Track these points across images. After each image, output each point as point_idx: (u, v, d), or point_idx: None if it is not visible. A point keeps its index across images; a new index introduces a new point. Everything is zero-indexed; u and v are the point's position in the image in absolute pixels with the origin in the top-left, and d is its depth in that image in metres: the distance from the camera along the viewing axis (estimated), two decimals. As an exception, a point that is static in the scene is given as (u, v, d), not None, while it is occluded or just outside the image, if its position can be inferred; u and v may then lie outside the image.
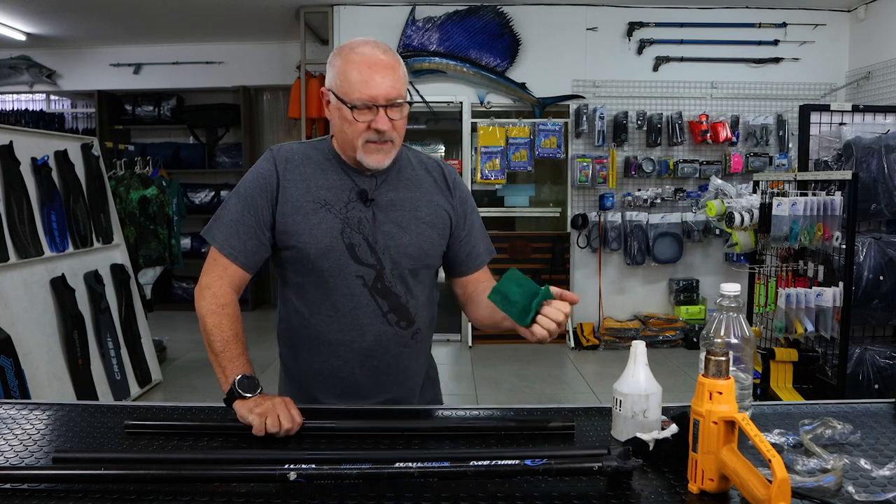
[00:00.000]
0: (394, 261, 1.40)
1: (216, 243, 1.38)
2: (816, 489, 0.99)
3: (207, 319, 1.34)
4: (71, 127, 7.15)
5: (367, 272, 1.39)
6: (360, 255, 1.38)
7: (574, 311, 5.66)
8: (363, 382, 1.44)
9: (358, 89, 1.30)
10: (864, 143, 3.23)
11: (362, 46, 1.34)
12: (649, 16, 5.36)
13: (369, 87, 1.30)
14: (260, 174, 1.40)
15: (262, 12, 5.54)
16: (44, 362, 3.32)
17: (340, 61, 1.33)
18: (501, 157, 5.31)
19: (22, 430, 1.27)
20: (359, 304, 1.39)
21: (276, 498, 0.99)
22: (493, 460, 1.03)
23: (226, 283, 1.37)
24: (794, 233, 3.07)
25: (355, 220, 1.38)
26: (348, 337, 1.41)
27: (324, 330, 1.42)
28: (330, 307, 1.40)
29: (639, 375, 1.19)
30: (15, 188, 3.34)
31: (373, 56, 1.32)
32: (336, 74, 1.34)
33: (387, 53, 1.35)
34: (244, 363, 1.31)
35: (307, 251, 1.37)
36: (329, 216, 1.37)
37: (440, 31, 5.32)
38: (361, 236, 1.38)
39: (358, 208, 1.38)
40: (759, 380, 3.22)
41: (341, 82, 1.32)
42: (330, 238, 1.37)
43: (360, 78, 1.30)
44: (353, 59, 1.32)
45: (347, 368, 1.43)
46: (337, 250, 1.37)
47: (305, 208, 1.37)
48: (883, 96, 5.01)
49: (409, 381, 1.50)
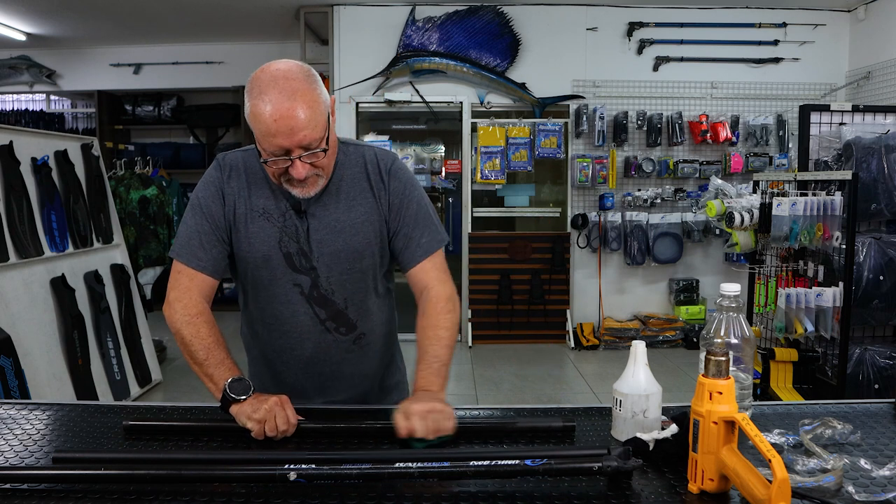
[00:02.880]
0: (329, 266, 1.38)
1: (182, 258, 1.37)
2: (816, 489, 0.99)
3: (184, 331, 1.32)
4: (71, 127, 7.15)
5: (303, 280, 1.38)
6: (296, 264, 1.37)
7: (574, 311, 5.69)
8: (308, 387, 1.45)
9: (268, 141, 1.21)
10: (864, 143, 3.23)
11: (270, 88, 1.19)
12: (649, 16, 5.36)
13: (280, 140, 1.20)
14: (210, 182, 1.40)
15: (262, 12, 5.54)
16: (44, 362, 3.32)
17: (250, 103, 1.21)
18: (501, 157, 5.31)
19: (22, 430, 1.27)
20: (296, 311, 1.40)
21: (276, 498, 0.99)
22: (493, 460, 1.03)
23: (195, 293, 1.35)
24: (794, 233, 3.07)
25: (292, 229, 1.36)
26: (289, 344, 1.43)
27: (267, 337, 1.44)
28: (271, 315, 1.41)
29: (639, 375, 1.19)
30: (15, 188, 3.34)
31: (279, 105, 1.18)
32: (247, 115, 1.22)
33: (296, 94, 1.19)
34: (230, 366, 1.30)
35: (247, 259, 1.38)
36: (268, 225, 1.36)
37: (440, 31, 5.32)
38: (297, 245, 1.37)
39: (293, 218, 1.37)
40: (759, 380, 3.22)
41: (252, 126, 1.22)
42: (268, 247, 1.36)
43: (268, 130, 1.19)
44: (259, 108, 1.19)
45: (292, 374, 1.45)
46: (275, 259, 1.37)
47: (246, 217, 1.37)
48: (883, 96, 5.01)
49: (355, 387, 1.49)
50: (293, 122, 1.19)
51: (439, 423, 1.18)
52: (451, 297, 1.42)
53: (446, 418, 1.19)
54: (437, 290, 1.41)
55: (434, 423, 1.17)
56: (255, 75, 1.24)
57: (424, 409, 1.18)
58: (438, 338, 1.36)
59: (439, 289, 1.41)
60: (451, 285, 1.44)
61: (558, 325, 5.43)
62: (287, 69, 1.22)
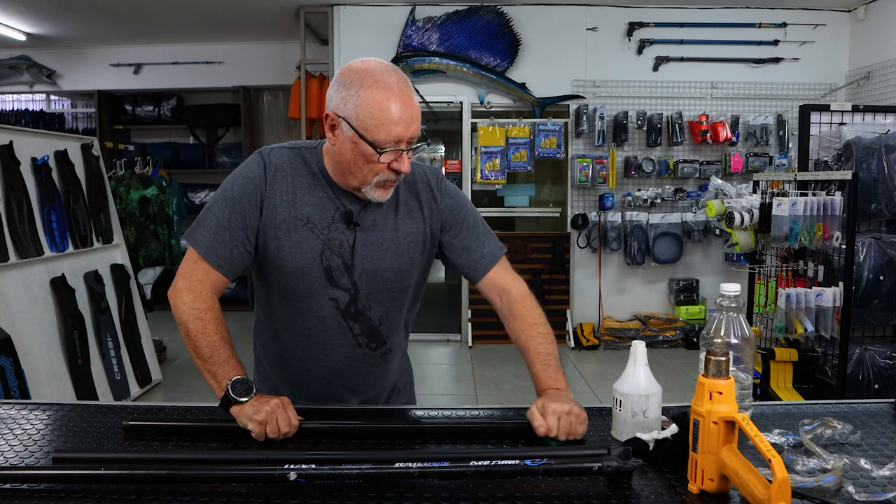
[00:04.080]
0: (370, 284, 1.34)
1: (200, 249, 1.30)
2: (816, 489, 0.99)
3: (190, 325, 1.28)
4: (71, 127, 7.15)
5: (341, 295, 1.34)
6: (335, 279, 1.32)
7: (574, 311, 5.67)
8: (329, 396, 1.43)
9: (386, 130, 1.19)
10: (864, 143, 3.23)
11: (386, 78, 1.20)
12: (649, 16, 5.36)
13: (399, 130, 1.19)
14: (249, 178, 1.31)
15: (262, 12, 5.54)
16: (44, 362, 3.32)
17: (363, 93, 1.19)
18: (501, 157, 5.30)
19: (22, 430, 1.27)
20: (329, 326, 1.36)
21: (276, 498, 0.99)
22: (493, 460, 1.03)
23: (206, 287, 1.30)
24: (794, 233, 3.07)
25: (336, 243, 1.31)
26: (317, 355, 1.39)
27: (293, 346, 1.40)
28: (302, 326, 1.37)
29: (639, 375, 1.19)
30: (15, 188, 3.34)
31: (399, 92, 1.19)
32: (356, 106, 1.19)
33: (408, 85, 1.22)
34: (234, 366, 1.27)
35: (283, 269, 1.32)
36: (310, 236, 1.30)
37: (440, 31, 5.32)
38: (340, 259, 1.31)
39: (340, 230, 1.31)
40: (759, 380, 3.22)
41: (364, 117, 1.19)
42: (308, 259, 1.31)
43: (389, 118, 1.18)
44: (379, 96, 1.18)
45: (315, 383, 1.43)
46: (314, 272, 1.31)
47: (287, 224, 1.30)
48: (883, 96, 5.01)
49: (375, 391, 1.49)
50: (413, 111, 1.21)
51: (574, 426, 1.18)
52: (530, 292, 1.43)
53: (581, 422, 1.19)
54: (518, 289, 1.41)
55: (568, 424, 1.18)
56: (359, 67, 1.22)
57: (563, 409, 1.19)
58: (542, 335, 1.36)
59: (518, 287, 1.42)
60: (524, 283, 1.44)
61: (558, 325, 5.43)
62: (389, 64, 1.24)
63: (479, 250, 1.42)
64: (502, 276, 1.43)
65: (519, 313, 1.38)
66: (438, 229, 1.40)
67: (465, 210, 1.43)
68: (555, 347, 1.36)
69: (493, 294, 1.43)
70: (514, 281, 1.43)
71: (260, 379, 1.50)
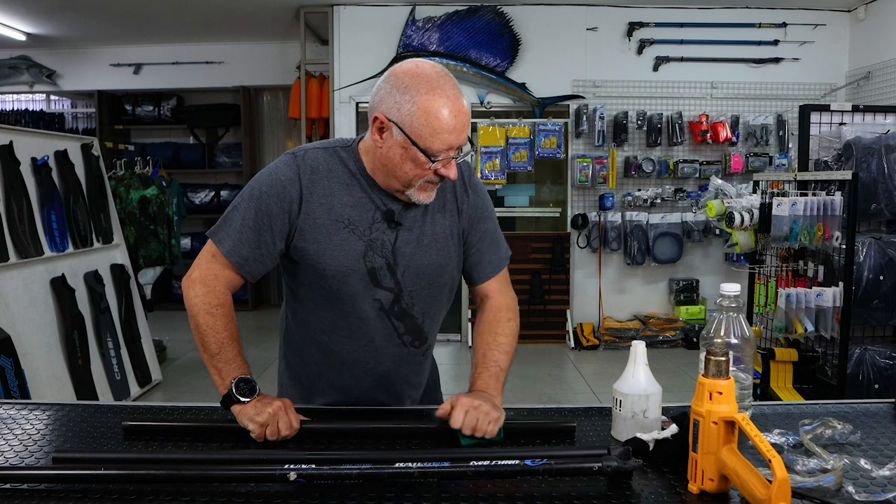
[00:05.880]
0: (413, 281, 1.33)
1: (223, 248, 1.28)
2: (816, 489, 0.99)
3: (200, 319, 1.27)
4: (71, 127, 7.15)
5: (385, 295, 1.33)
6: (379, 279, 1.31)
7: (574, 311, 5.67)
8: (374, 398, 1.43)
9: (441, 139, 1.19)
10: (864, 143, 3.23)
11: (442, 84, 1.19)
12: (649, 16, 5.36)
13: (452, 138, 1.20)
14: (280, 181, 1.27)
15: (262, 12, 5.54)
16: (44, 362, 3.32)
17: (419, 99, 1.18)
18: (501, 157, 5.30)
19: (22, 430, 1.27)
20: (374, 326, 1.34)
21: (276, 498, 0.99)
22: (493, 460, 1.03)
23: (222, 283, 1.30)
24: (794, 233, 3.07)
25: (378, 243, 1.29)
26: (363, 358, 1.38)
27: (336, 349, 1.38)
28: (344, 328, 1.35)
29: (639, 375, 1.19)
30: (15, 188, 3.34)
31: (455, 100, 1.19)
32: (411, 113, 1.18)
33: (460, 91, 1.22)
34: (240, 364, 1.26)
35: (325, 272, 1.29)
36: (352, 237, 1.28)
37: (440, 31, 5.32)
38: (384, 259, 1.30)
39: (381, 230, 1.30)
40: (759, 380, 3.22)
41: (419, 125, 1.18)
42: (351, 261, 1.28)
43: (445, 128, 1.18)
44: (435, 104, 1.17)
45: (360, 386, 1.41)
46: (357, 273, 1.29)
47: (328, 227, 1.28)
48: (883, 96, 5.01)
49: (414, 391, 1.49)
50: (466, 119, 1.21)
51: (482, 423, 1.17)
52: (511, 306, 1.43)
53: (490, 421, 1.18)
54: (498, 300, 1.42)
55: (475, 420, 1.17)
56: (414, 71, 1.20)
57: (472, 403, 1.19)
58: (498, 343, 1.36)
59: (500, 298, 1.43)
60: (512, 295, 1.45)
61: (558, 325, 5.43)
62: (441, 67, 1.23)
63: (488, 256, 1.42)
64: (492, 286, 1.44)
65: (489, 319, 1.40)
66: (467, 223, 1.40)
67: (488, 211, 1.44)
68: (507, 360, 1.36)
69: (478, 298, 1.47)
70: (500, 293, 1.44)
71: (291, 386, 1.49)
